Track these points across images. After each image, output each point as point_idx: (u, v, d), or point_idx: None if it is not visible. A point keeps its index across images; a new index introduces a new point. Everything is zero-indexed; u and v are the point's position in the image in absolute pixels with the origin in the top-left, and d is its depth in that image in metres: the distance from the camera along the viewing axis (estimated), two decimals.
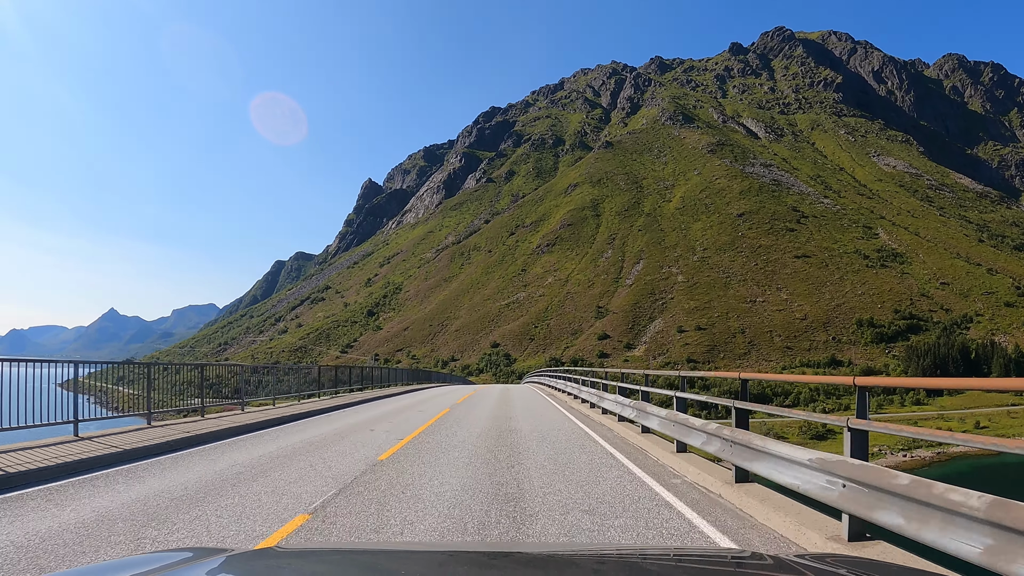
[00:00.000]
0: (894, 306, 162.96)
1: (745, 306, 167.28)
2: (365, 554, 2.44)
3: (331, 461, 9.78)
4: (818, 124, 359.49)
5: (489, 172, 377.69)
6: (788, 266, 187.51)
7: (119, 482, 8.23)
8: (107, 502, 7.09)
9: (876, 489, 4.62)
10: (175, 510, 6.70)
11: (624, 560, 2.23)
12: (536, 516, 6.35)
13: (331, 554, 2.39)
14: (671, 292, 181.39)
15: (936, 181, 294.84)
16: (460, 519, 6.25)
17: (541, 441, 12.25)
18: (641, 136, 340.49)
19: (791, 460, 5.96)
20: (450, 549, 2.72)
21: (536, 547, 3.88)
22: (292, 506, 6.84)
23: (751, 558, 2.38)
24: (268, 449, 11.27)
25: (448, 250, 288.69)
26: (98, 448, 10.26)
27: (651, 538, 5.69)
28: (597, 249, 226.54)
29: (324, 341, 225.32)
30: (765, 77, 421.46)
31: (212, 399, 17.63)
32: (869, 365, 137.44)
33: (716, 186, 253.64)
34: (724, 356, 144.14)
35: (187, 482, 8.19)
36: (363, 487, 7.80)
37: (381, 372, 40.35)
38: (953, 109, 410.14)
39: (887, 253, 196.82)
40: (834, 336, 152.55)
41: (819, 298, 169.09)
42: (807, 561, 1.99)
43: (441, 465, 9.34)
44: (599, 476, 8.56)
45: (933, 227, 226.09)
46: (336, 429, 14.78)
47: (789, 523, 5.96)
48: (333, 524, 6.12)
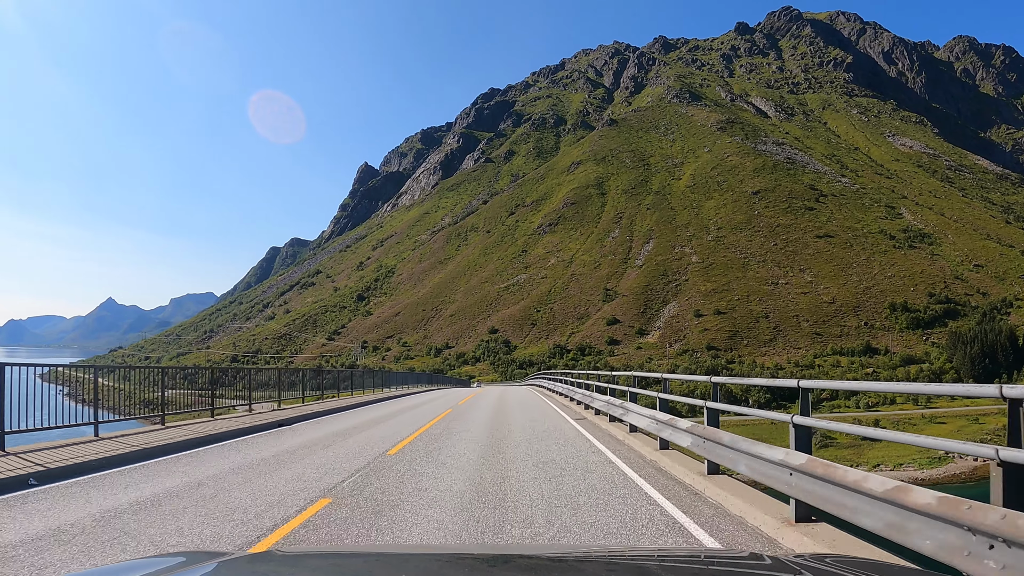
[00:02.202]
0: (927, 289, 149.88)
1: (767, 288, 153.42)
2: (360, 558, 2.39)
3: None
4: (829, 104, 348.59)
5: (488, 152, 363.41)
6: (810, 246, 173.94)
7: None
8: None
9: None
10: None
11: (623, 562, 2.22)
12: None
13: (326, 558, 2.36)
14: (685, 273, 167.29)
15: (954, 162, 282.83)
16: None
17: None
18: (647, 114, 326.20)
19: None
20: (449, 552, 2.68)
21: (536, 549, 3.88)
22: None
23: (749, 558, 2.35)
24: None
25: (444, 231, 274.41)
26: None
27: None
28: (603, 228, 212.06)
29: (310, 327, 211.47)
30: (773, 57, 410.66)
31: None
32: (908, 353, 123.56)
33: (728, 163, 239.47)
34: (748, 343, 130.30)
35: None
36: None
37: (352, 375, 36.86)
38: (965, 92, 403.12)
39: (914, 234, 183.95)
40: (866, 321, 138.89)
41: (846, 280, 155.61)
42: (806, 561, 1.96)
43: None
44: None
45: (957, 208, 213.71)
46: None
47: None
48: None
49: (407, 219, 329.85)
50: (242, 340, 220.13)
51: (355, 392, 33.43)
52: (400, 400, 31.21)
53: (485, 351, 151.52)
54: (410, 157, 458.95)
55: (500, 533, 6.00)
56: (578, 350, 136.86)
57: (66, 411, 11.43)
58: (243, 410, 20.77)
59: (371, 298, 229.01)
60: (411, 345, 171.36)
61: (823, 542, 5.31)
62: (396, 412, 22.17)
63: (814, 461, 5.38)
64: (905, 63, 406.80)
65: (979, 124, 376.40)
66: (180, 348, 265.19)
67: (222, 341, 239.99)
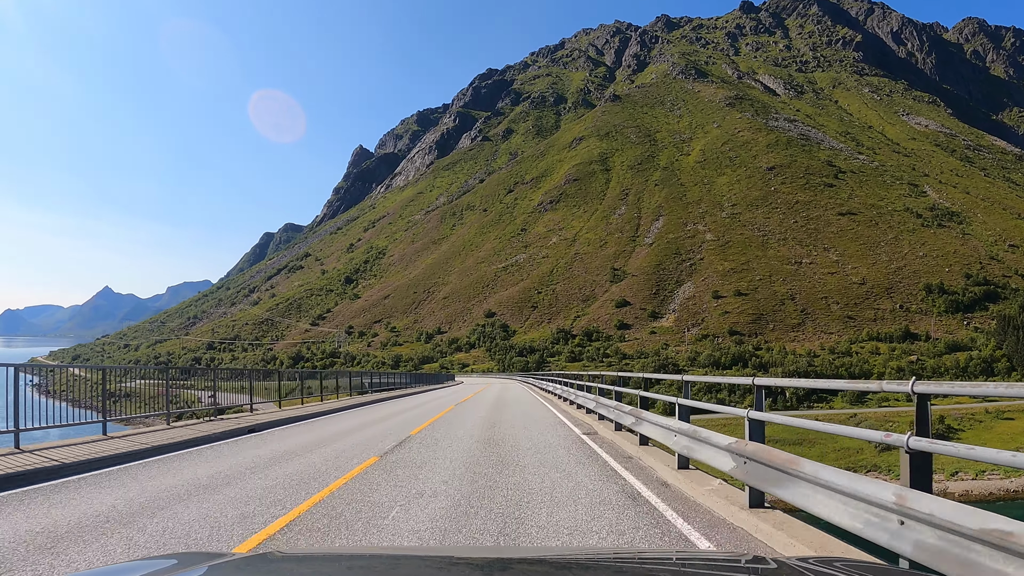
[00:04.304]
0: (963, 270, 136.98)
1: (790, 268, 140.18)
2: (352, 559, 2.32)
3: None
4: (839, 82, 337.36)
5: (485, 131, 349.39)
6: (832, 224, 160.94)
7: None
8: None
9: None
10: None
11: (623, 565, 2.20)
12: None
13: (320, 560, 2.32)
14: (699, 252, 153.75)
15: (972, 142, 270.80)
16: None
17: None
18: (651, 90, 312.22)
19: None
20: (448, 555, 2.61)
21: (536, 552, 3.85)
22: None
23: (753, 561, 2.30)
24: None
25: (438, 210, 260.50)
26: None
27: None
28: (608, 205, 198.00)
29: (294, 312, 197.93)
30: (779, 35, 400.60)
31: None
32: (951, 339, 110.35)
33: (739, 139, 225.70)
34: (774, 327, 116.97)
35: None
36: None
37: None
38: (976, 74, 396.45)
39: (941, 212, 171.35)
40: (901, 304, 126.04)
41: (875, 260, 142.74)
42: (812, 565, 1.91)
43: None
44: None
45: (982, 187, 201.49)
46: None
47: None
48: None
49: (400, 199, 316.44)
50: (222, 327, 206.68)
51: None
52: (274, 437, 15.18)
53: (481, 337, 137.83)
54: (406, 139, 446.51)
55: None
56: (584, 335, 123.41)
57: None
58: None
59: (359, 281, 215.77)
60: (400, 330, 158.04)
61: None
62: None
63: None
64: (914, 44, 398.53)
65: (990, 107, 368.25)
66: (161, 335, 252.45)
67: (202, 327, 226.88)
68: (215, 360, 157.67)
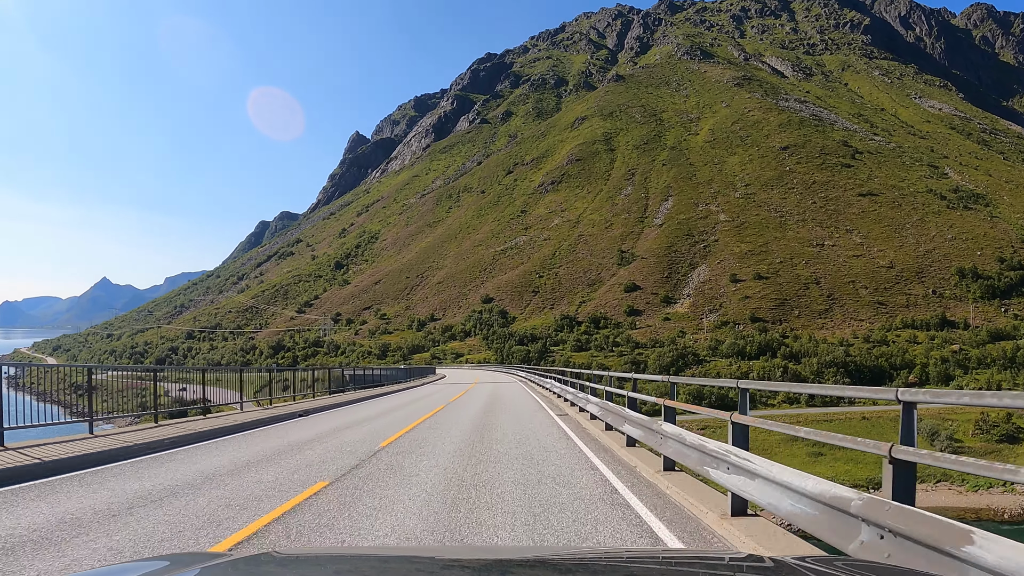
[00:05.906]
0: (995, 254, 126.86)
1: (812, 251, 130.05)
2: (350, 560, 2.32)
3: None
4: (849, 65, 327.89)
5: (484, 114, 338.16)
6: (853, 205, 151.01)
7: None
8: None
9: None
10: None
11: (622, 565, 2.20)
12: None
13: (316, 561, 2.30)
14: (713, 233, 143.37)
15: (988, 126, 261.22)
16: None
17: None
18: (656, 70, 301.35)
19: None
20: (445, 555, 2.62)
21: (535, 552, 3.87)
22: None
23: (747, 559, 2.29)
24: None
25: (434, 193, 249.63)
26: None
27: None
28: (614, 186, 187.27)
29: (280, 299, 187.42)
30: (786, 18, 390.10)
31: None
32: (992, 327, 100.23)
33: (750, 118, 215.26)
34: (799, 313, 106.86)
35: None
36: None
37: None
38: (985, 60, 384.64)
39: (966, 194, 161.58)
40: (934, 289, 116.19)
41: (902, 242, 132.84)
42: (810, 564, 1.90)
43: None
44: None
45: (1004, 170, 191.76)
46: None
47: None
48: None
49: (395, 183, 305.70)
50: (204, 315, 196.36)
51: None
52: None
53: (477, 324, 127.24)
54: (403, 124, 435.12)
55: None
56: (591, 322, 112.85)
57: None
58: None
59: (350, 266, 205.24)
60: (390, 317, 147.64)
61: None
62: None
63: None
64: (923, 28, 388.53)
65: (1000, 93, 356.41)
66: (144, 324, 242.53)
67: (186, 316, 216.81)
68: (192, 350, 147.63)
